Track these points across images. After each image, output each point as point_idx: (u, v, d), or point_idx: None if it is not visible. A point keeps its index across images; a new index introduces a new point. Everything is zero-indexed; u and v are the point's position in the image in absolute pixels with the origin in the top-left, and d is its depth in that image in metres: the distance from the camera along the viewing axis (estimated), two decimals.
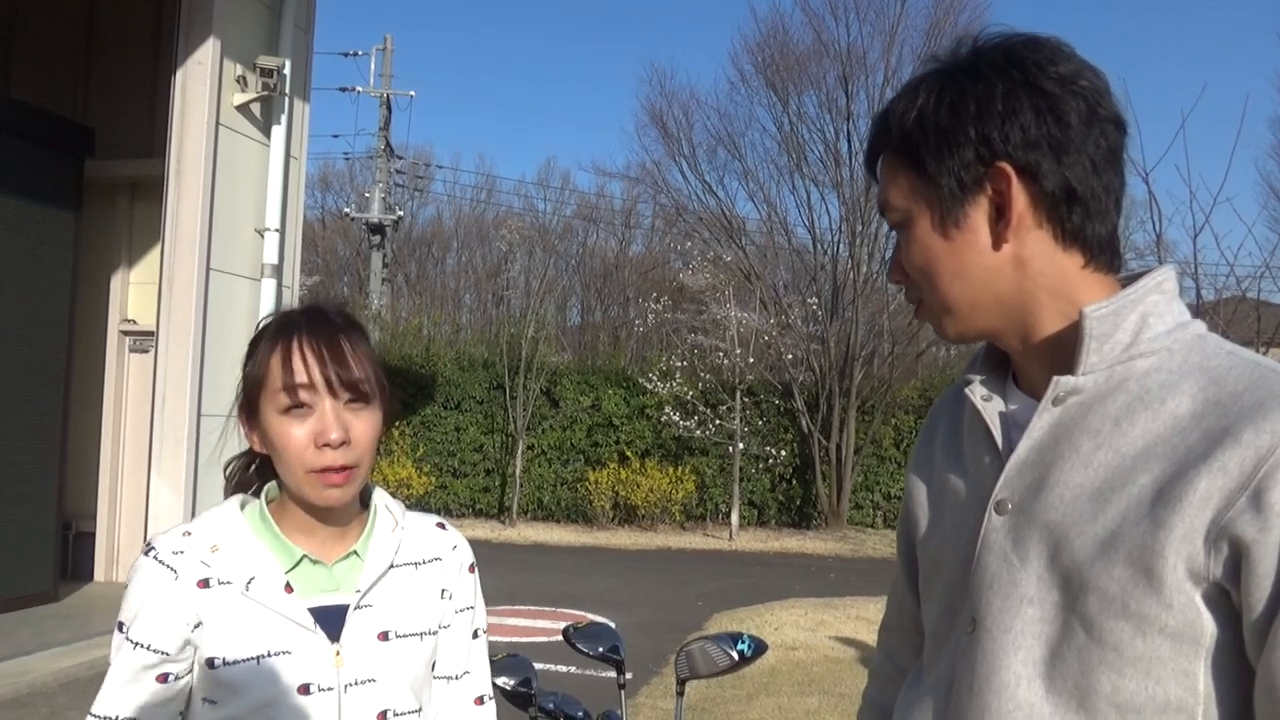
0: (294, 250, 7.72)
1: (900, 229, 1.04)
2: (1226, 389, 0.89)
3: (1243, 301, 10.18)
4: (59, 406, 7.35)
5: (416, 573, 1.36)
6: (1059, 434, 0.96)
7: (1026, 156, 0.94)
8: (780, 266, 18.09)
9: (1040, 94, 0.95)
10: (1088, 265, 0.98)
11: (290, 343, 1.25)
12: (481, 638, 1.45)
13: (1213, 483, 0.85)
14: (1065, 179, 0.95)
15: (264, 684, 1.23)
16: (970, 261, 0.99)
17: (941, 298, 1.02)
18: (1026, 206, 0.96)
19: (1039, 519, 0.95)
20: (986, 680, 0.96)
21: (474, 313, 31.82)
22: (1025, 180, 0.95)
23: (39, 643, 6.10)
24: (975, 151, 0.96)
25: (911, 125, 0.99)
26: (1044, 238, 0.97)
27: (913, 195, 1.01)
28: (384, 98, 25.40)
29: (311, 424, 1.23)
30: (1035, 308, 0.99)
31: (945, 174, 0.97)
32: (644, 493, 14.29)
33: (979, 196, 0.97)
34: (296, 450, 1.23)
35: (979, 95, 0.96)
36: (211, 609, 1.24)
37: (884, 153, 1.04)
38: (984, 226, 0.98)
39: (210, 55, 6.83)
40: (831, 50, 16.23)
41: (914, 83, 1.02)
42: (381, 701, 1.29)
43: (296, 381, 1.23)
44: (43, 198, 7.11)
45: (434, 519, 1.44)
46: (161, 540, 1.28)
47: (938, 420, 1.17)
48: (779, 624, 8.11)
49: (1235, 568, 0.85)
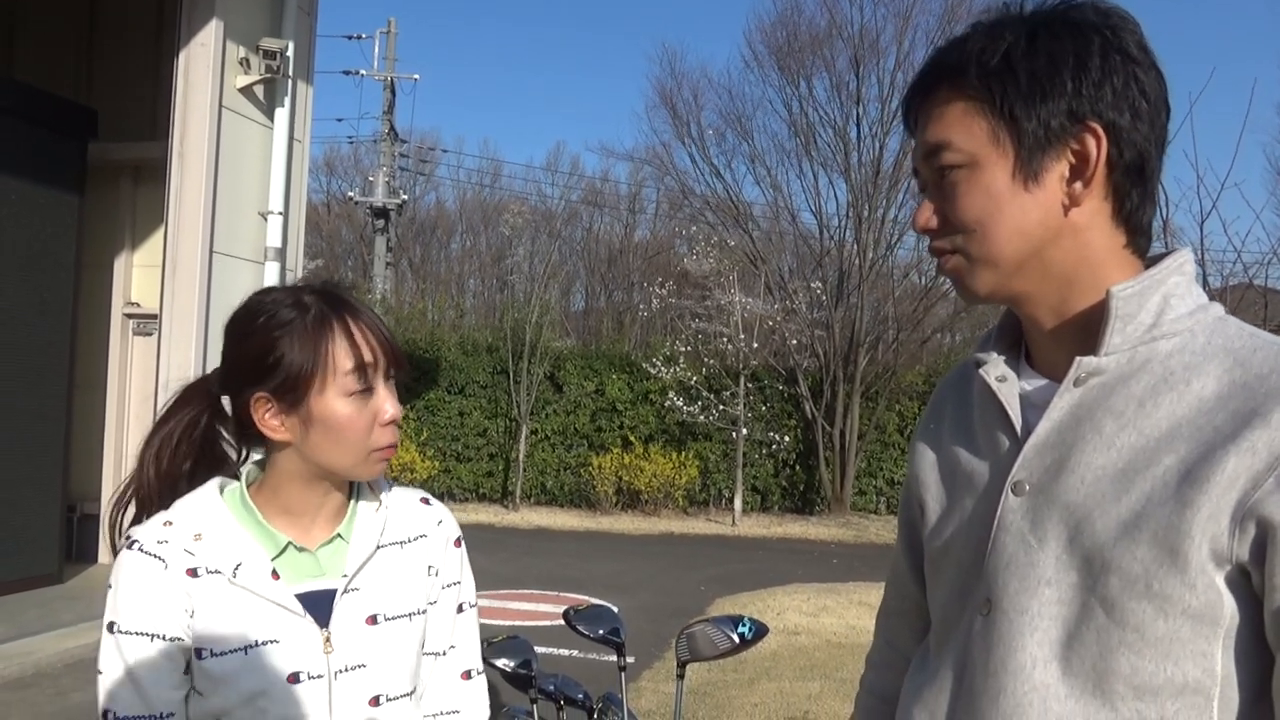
0: (297, 233, 7.71)
1: (957, 171, 0.96)
2: (1253, 371, 0.89)
3: (1250, 288, 10.14)
4: (63, 389, 7.36)
5: (402, 551, 1.34)
6: (1080, 415, 0.95)
7: (1116, 118, 0.92)
8: (786, 251, 18.03)
9: (1129, 59, 0.93)
10: (1127, 245, 0.97)
11: (348, 325, 1.24)
12: (468, 612, 1.42)
13: (1240, 463, 0.84)
14: (1140, 151, 0.93)
15: (253, 674, 1.21)
16: (1035, 219, 0.95)
17: (991, 250, 0.96)
18: (1103, 171, 0.93)
19: (1059, 500, 0.94)
20: (1002, 662, 0.95)
21: (478, 297, 31.85)
22: (1110, 144, 0.92)
23: (44, 624, 6.13)
24: (1069, 104, 0.92)
25: (998, 65, 0.93)
26: (1104, 209, 0.95)
27: (987, 139, 0.95)
28: (388, 81, 25.32)
29: (372, 404, 1.24)
30: (1075, 279, 0.97)
31: (1034, 121, 0.93)
32: (647, 478, 14.30)
33: (1061, 151, 0.94)
34: (362, 432, 1.23)
35: (1078, 49, 0.92)
36: (201, 598, 1.22)
37: (949, 90, 0.97)
38: (1057, 184, 0.94)
39: (213, 37, 6.80)
40: (845, 32, 16.16)
41: (990, 24, 0.96)
42: (373, 687, 1.27)
43: (366, 362, 1.23)
44: (46, 180, 7.10)
45: (418, 494, 1.42)
46: (142, 532, 1.25)
47: (943, 402, 1.16)
48: (781, 609, 8.13)
49: (1260, 549, 0.84)
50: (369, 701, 1.27)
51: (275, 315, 1.24)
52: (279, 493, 1.28)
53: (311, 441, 1.24)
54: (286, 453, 1.27)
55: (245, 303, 1.29)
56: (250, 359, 1.24)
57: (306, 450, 1.25)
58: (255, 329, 1.25)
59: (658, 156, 19.59)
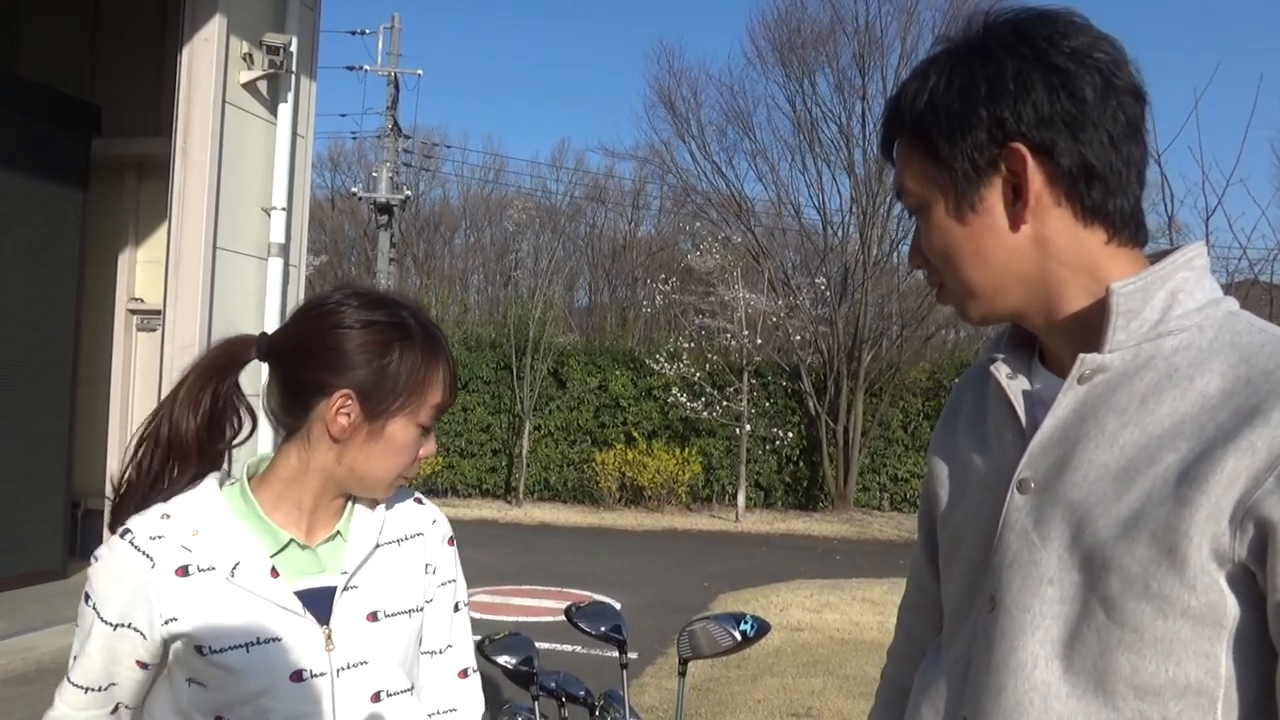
0: (301, 229, 7.70)
1: (918, 214, 1.02)
2: (1258, 367, 0.87)
3: (1255, 284, 10.12)
4: (67, 385, 7.37)
5: (400, 549, 1.35)
6: (1084, 412, 0.94)
7: (1041, 135, 0.92)
8: (789, 247, 18.02)
9: (1053, 70, 0.92)
10: (1111, 240, 0.96)
11: (449, 363, 1.30)
12: (463, 611, 1.44)
13: (1240, 462, 0.83)
14: (1082, 156, 0.92)
15: (256, 673, 1.21)
16: (989, 244, 0.97)
17: (963, 282, 1.00)
18: (1044, 185, 0.94)
19: (1062, 498, 0.94)
20: (1004, 660, 0.95)
21: (482, 293, 31.83)
22: (1041, 159, 0.93)
23: (47, 619, 6.14)
24: (988, 133, 0.94)
25: (923, 109, 0.97)
26: (1064, 215, 0.95)
27: (927, 180, 0.99)
28: (391, 76, 25.31)
29: (426, 441, 1.29)
30: (1060, 286, 0.97)
31: (959, 157, 0.95)
32: (651, 474, 14.30)
33: (994, 178, 0.95)
34: (409, 459, 1.28)
35: (990, 75, 0.93)
36: (192, 599, 1.21)
37: (899, 137, 1.02)
38: (1001, 208, 0.96)
39: (216, 33, 6.79)
40: (849, 28, 16.13)
41: (924, 65, 1.00)
42: (374, 683, 1.28)
43: (447, 403, 1.29)
44: (50, 176, 7.10)
45: (412, 493, 1.43)
46: (138, 523, 1.24)
47: (961, 399, 1.16)
48: (784, 605, 8.12)
49: (1261, 549, 0.83)
50: (371, 698, 1.27)
51: (390, 323, 1.25)
52: (294, 485, 1.27)
53: (364, 452, 1.25)
54: (326, 451, 1.25)
55: (341, 293, 1.28)
56: (351, 352, 1.23)
57: (350, 456, 1.25)
58: (364, 324, 1.24)
59: (659, 154, 19.60)
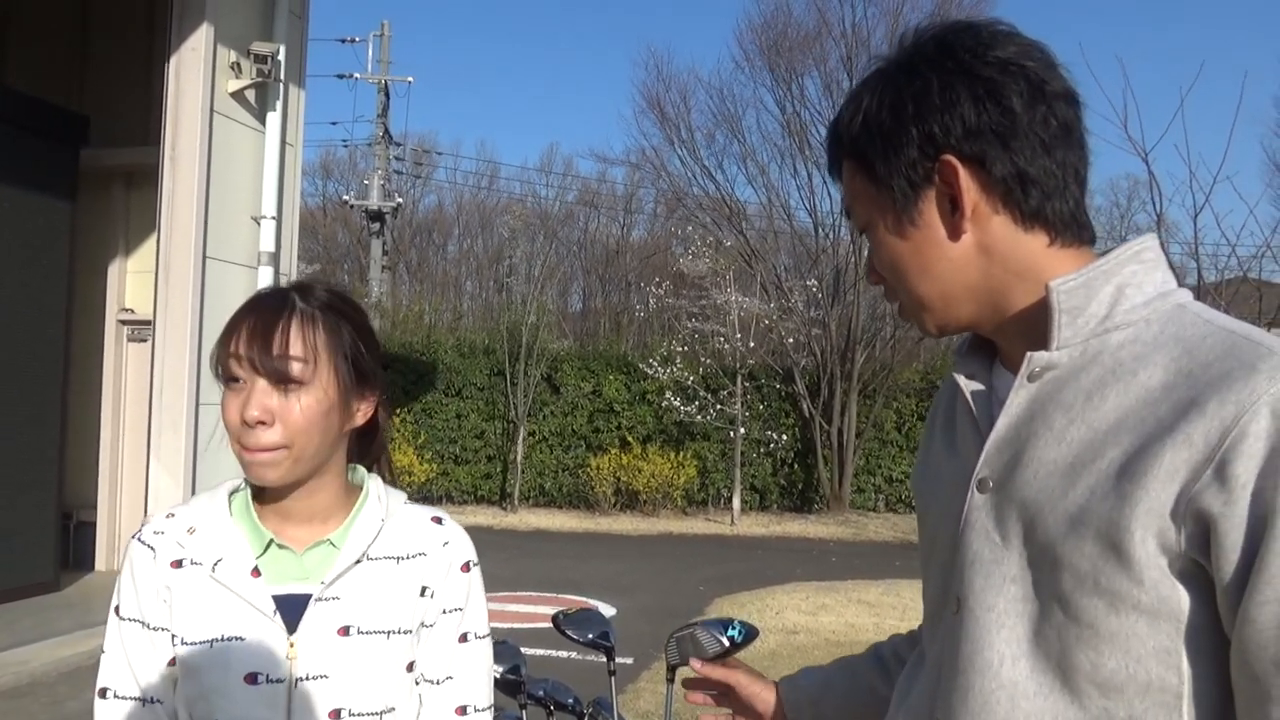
0: (291, 238, 7.70)
1: (865, 232, 1.04)
2: (1198, 359, 0.87)
3: (1244, 282, 10.15)
4: (58, 397, 7.35)
5: (397, 567, 1.30)
6: (1034, 410, 0.95)
7: (971, 147, 0.93)
8: (781, 250, 18.04)
9: (977, 81, 0.93)
10: (1054, 243, 0.96)
11: (240, 319, 1.25)
12: (474, 643, 1.35)
13: (1178, 455, 0.83)
14: (1014, 163, 0.93)
15: (213, 669, 1.21)
16: (933, 256, 0.98)
17: (914, 295, 1.02)
18: (979, 195, 0.95)
19: (1016, 496, 0.94)
20: (970, 660, 0.95)
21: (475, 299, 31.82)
22: (973, 170, 0.94)
23: (40, 632, 6.11)
24: (920, 149, 0.95)
25: (858, 131, 1.00)
26: (1004, 222, 0.96)
27: (868, 199, 1.01)
28: (382, 84, 25.31)
29: (241, 400, 1.22)
30: (1007, 291, 0.98)
31: (895, 175, 0.97)
32: (645, 478, 14.30)
33: (929, 191, 0.97)
34: (231, 425, 1.23)
35: (916, 91, 0.95)
36: (181, 589, 1.24)
37: (842, 158, 1.04)
38: (939, 220, 0.97)
39: (204, 42, 6.79)
40: (835, 31, 16.18)
41: (859, 87, 1.02)
42: (334, 699, 1.23)
43: (236, 353, 1.22)
44: (38, 187, 7.09)
45: (431, 512, 1.37)
46: (148, 522, 1.31)
47: (938, 406, 1.17)
48: (780, 608, 8.12)
49: (1204, 541, 0.82)
50: (329, 714, 1.23)
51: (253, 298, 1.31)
52: (267, 491, 1.29)
53: None
54: None
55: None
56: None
57: None
58: None
59: (649, 160, 19.62)
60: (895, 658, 1.32)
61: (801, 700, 1.37)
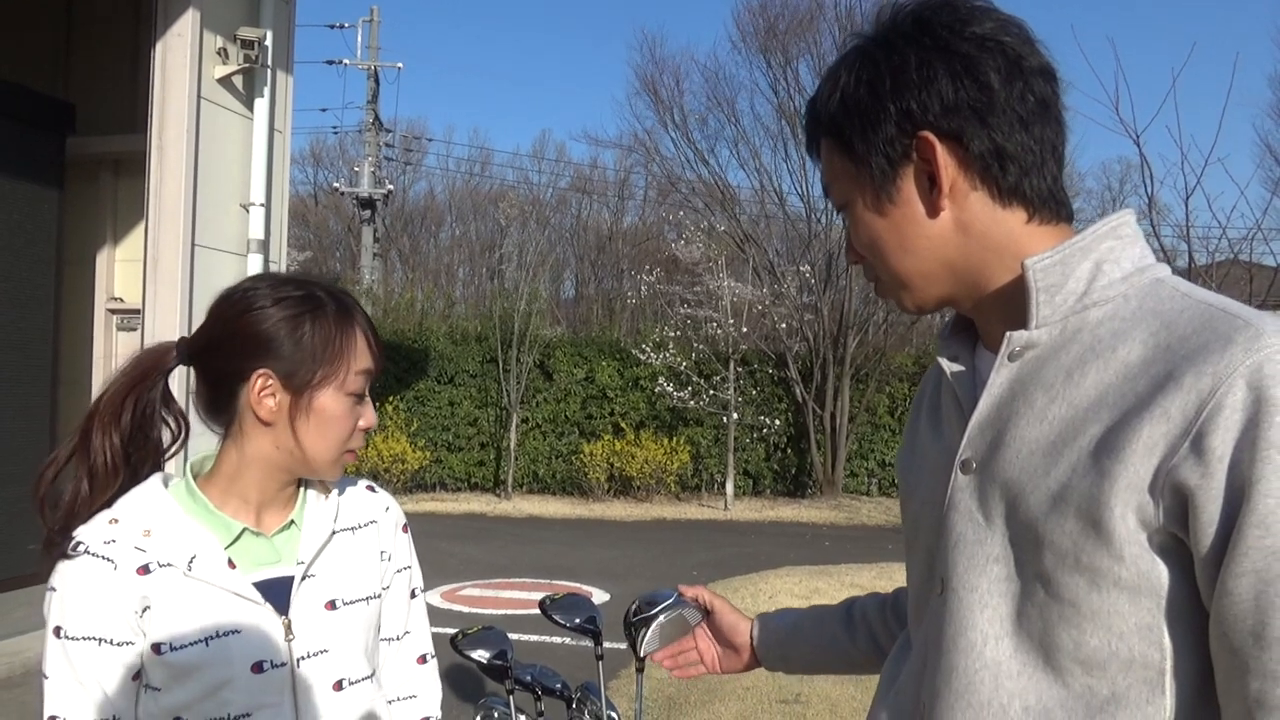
0: (280, 225, 7.66)
1: (844, 210, 1.04)
2: (1176, 333, 0.86)
3: (1235, 264, 10.16)
4: (46, 387, 7.32)
5: (354, 537, 1.36)
6: (1016, 389, 0.94)
7: (949, 123, 0.93)
8: (774, 235, 18.01)
9: (955, 57, 0.93)
10: (1032, 219, 0.96)
11: (367, 329, 1.27)
12: (419, 597, 1.47)
13: (1155, 429, 0.82)
14: (992, 139, 0.93)
15: (216, 666, 1.20)
16: (911, 233, 0.98)
17: (893, 273, 1.01)
18: (957, 171, 0.95)
19: (999, 476, 0.94)
20: (954, 640, 0.95)
21: (468, 286, 31.77)
22: (951, 146, 0.94)
23: (31, 622, 6.09)
24: (897, 125, 0.95)
25: (836, 108, 0.99)
26: (982, 199, 0.95)
27: (847, 177, 1.01)
28: (371, 70, 25.18)
29: (359, 409, 1.27)
30: (985, 269, 0.97)
31: (873, 152, 0.97)
32: (639, 464, 14.31)
33: (908, 168, 0.96)
34: (346, 431, 1.26)
35: (894, 68, 0.94)
36: (157, 594, 1.20)
37: (820, 137, 1.04)
38: (917, 197, 0.97)
39: (190, 27, 6.73)
40: (829, 14, 16.14)
41: (836, 64, 1.01)
42: (335, 671, 1.28)
43: (374, 369, 1.26)
44: (24, 175, 7.03)
45: (364, 482, 1.44)
46: (86, 532, 1.21)
47: (924, 390, 1.18)
48: (774, 592, 8.14)
49: (1182, 515, 0.82)
50: (332, 686, 1.27)
51: (299, 297, 1.25)
52: (237, 479, 1.27)
53: (296, 429, 1.24)
54: (260, 437, 1.26)
55: (250, 280, 1.30)
56: (263, 333, 1.23)
57: (285, 438, 1.24)
58: (273, 304, 1.24)
59: (642, 143, 19.56)
60: (863, 617, 1.35)
61: (770, 640, 1.43)
